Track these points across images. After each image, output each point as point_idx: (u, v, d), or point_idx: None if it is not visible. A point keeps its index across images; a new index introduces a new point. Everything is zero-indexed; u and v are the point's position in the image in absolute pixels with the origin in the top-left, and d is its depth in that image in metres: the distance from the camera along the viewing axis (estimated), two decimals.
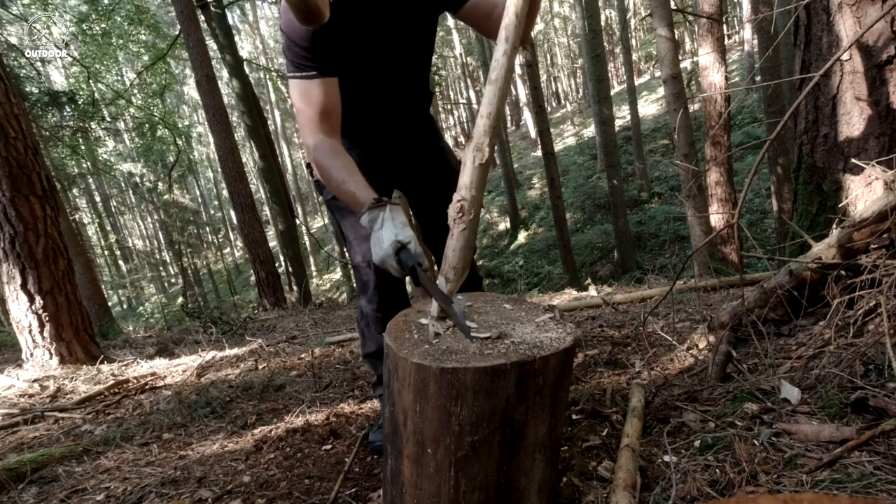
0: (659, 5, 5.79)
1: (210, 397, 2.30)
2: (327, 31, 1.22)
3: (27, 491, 1.60)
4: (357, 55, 1.32)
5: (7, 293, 3.36)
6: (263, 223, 9.25)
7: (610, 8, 29.11)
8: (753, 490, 0.99)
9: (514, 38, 0.99)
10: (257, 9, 27.55)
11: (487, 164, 1.01)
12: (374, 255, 1.11)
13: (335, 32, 1.24)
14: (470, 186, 1.00)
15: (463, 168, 1.02)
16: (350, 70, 1.34)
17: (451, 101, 31.74)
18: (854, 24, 1.71)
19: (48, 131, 9.78)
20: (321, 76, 1.24)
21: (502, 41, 0.99)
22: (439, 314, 1.02)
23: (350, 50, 1.30)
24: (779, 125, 1.40)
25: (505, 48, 0.98)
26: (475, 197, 1.01)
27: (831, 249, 1.53)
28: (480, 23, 1.38)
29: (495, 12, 1.31)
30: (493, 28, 1.35)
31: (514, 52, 1.00)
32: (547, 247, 14.75)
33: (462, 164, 1.03)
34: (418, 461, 0.93)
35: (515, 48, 1.00)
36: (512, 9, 0.98)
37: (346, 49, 1.29)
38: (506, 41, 0.98)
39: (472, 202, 1.00)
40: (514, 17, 0.98)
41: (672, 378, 1.69)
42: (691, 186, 5.74)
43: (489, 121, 0.99)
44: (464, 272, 1.05)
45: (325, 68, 1.24)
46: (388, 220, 1.10)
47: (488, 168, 1.03)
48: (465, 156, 1.02)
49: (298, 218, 16.98)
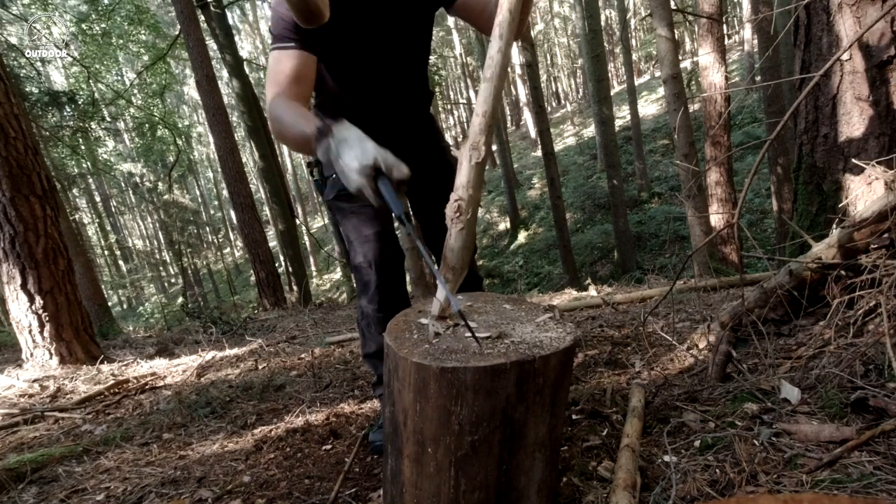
0: (659, 5, 5.79)
1: (210, 397, 2.30)
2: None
3: (27, 491, 1.60)
4: (349, 46, 1.33)
5: (7, 293, 3.36)
6: (263, 223, 9.25)
7: (610, 8, 29.11)
8: (753, 490, 0.99)
9: (508, 35, 0.98)
10: (257, 9, 27.55)
11: (484, 163, 1.01)
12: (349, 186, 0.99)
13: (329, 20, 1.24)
14: (467, 186, 0.99)
15: (459, 167, 1.01)
16: (342, 61, 1.34)
17: (451, 102, 31.74)
18: (854, 24, 1.71)
19: (48, 131, 9.78)
20: (299, 48, 1.24)
21: (496, 38, 0.98)
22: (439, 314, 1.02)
23: (341, 38, 1.30)
24: (779, 125, 1.40)
25: (499, 45, 0.98)
26: (472, 196, 1.00)
27: (831, 249, 1.53)
28: (473, 19, 1.38)
29: (487, 9, 1.32)
30: (486, 24, 1.35)
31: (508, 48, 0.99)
32: (547, 247, 14.75)
33: (458, 164, 1.02)
34: (418, 461, 0.93)
35: (510, 45, 1.00)
36: (506, 5, 0.98)
37: (336, 36, 1.29)
38: (500, 38, 0.98)
39: (469, 201, 0.99)
40: (508, 13, 0.97)
41: (672, 378, 1.69)
42: (691, 186, 5.74)
43: (485, 119, 0.99)
44: (462, 272, 1.04)
45: (304, 43, 1.24)
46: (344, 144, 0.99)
47: (485, 166, 1.02)
48: (461, 155, 1.01)
49: (298, 218, 16.96)
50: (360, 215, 1.46)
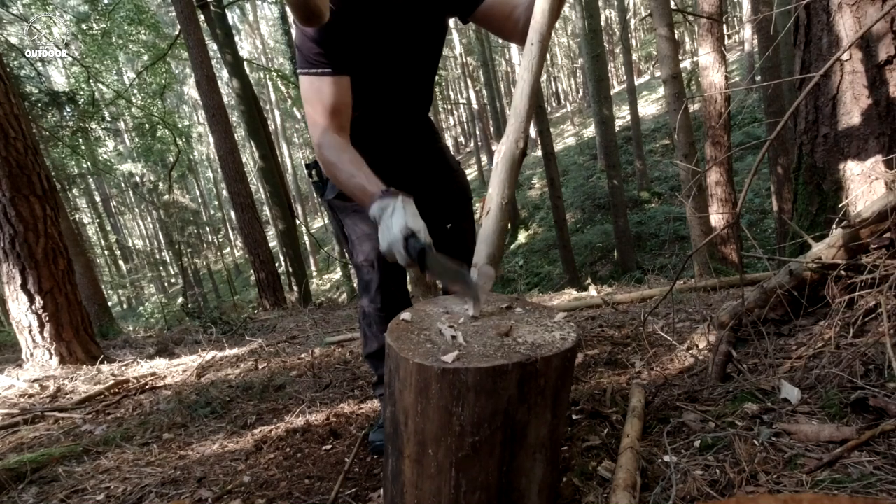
0: (659, 5, 5.78)
1: (210, 397, 2.30)
2: (340, 30, 1.23)
3: (27, 491, 1.60)
4: (366, 57, 1.32)
5: (7, 293, 3.36)
6: (263, 223, 9.26)
7: (610, 8, 29.11)
8: (753, 490, 0.99)
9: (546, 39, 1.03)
10: (257, 9, 27.56)
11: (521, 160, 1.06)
12: (382, 241, 1.08)
13: (347, 32, 1.24)
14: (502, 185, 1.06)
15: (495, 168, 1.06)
16: (358, 72, 1.34)
17: (451, 102, 31.72)
18: (854, 24, 1.71)
19: (48, 131, 9.78)
20: (334, 74, 1.24)
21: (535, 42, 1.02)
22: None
23: (360, 51, 1.30)
24: (779, 125, 1.40)
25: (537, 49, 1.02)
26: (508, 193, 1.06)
27: (831, 249, 1.53)
28: (498, 24, 1.36)
29: (515, 13, 1.31)
30: (510, 28, 1.34)
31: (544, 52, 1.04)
32: (547, 247, 14.76)
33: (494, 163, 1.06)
34: (419, 461, 0.93)
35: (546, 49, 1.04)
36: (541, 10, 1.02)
37: (356, 50, 1.29)
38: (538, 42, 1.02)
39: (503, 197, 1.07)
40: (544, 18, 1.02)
41: (672, 378, 1.69)
42: (691, 186, 5.74)
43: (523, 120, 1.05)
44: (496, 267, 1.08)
45: (338, 66, 1.24)
46: (400, 209, 1.08)
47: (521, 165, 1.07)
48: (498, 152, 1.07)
49: (298, 218, 16.97)
50: (361, 213, 1.46)
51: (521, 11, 1.30)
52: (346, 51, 1.24)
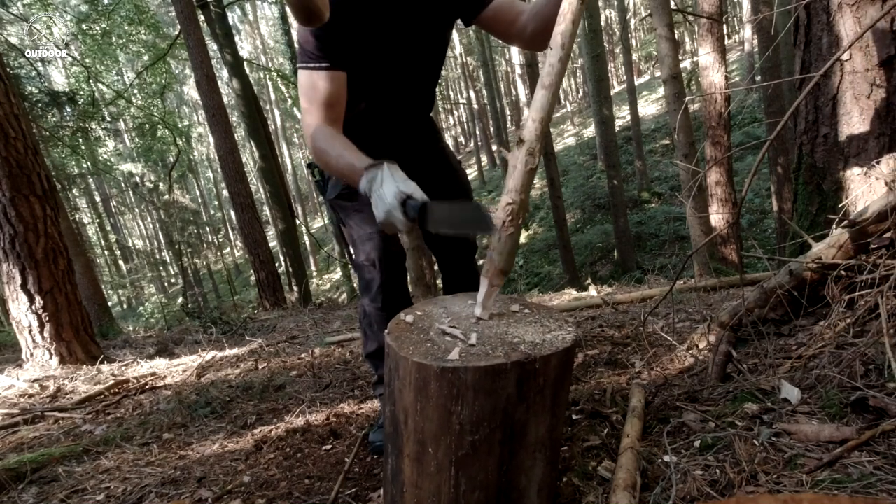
0: (659, 5, 5.79)
1: (210, 397, 2.30)
2: (343, 30, 1.23)
3: (27, 491, 1.60)
4: (368, 56, 1.33)
5: (7, 293, 3.37)
6: (263, 223, 9.26)
7: (610, 8, 29.11)
8: (753, 490, 0.99)
9: (569, 45, 1.02)
10: (257, 9, 27.56)
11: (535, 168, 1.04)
12: (378, 212, 1.07)
13: (350, 32, 1.25)
14: (520, 190, 1.02)
15: (512, 171, 1.03)
16: (361, 72, 1.34)
17: (451, 102, 31.72)
18: (854, 24, 1.71)
19: (48, 131, 9.78)
20: (330, 69, 1.24)
21: (558, 48, 1.02)
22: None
23: (361, 49, 1.30)
24: (779, 125, 1.40)
25: (560, 55, 1.02)
26: (524, 200, 1.03)
27: (831, 249, 1.53)
28: (503, 28, 1.36)
29: (520, 19, 1.31)
30: (515, 33, 1.35)
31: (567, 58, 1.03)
32: (547, 247, 14.75)
33: (510, 167, 1.03)
34: (419, 460, 0.93)
35: (569, 55, 1.03)
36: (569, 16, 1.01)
37: (358, 49, 1.29)
38: (561, 48, 1.02)
39: (521, 205, 1.02)
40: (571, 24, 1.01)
41: (672, 378, 1.69)
42: (691, 186, 5.75)
43: (541, 125, 1.02)
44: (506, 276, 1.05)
45: (335, 62, 1.25)
46: (388, 176, 1.07)
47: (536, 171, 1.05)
48: (514, 159, 1.03)
49: (298, 218, 16.97)
50: (363, 213, 1.45)
51: (527, 18, 1.30)
52: (345, 47, 1.25)
